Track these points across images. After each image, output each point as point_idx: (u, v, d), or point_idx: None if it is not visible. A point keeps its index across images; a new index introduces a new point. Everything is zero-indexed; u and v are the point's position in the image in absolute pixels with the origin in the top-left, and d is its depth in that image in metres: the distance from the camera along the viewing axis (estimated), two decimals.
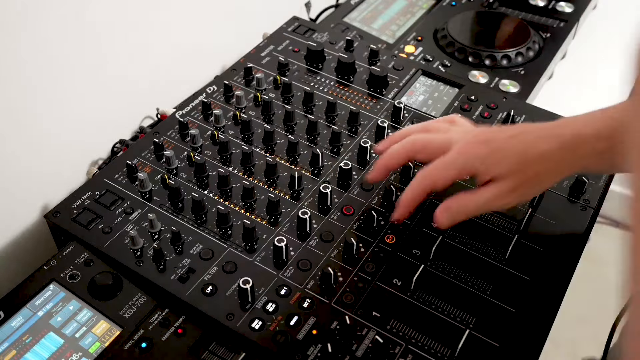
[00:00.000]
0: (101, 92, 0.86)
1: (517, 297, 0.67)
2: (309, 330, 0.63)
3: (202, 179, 0.78)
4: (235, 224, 0.73)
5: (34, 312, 0.64)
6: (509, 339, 0.63)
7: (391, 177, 0.79)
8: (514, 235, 0.71)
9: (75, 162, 0.87)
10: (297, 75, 0.94)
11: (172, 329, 0.63)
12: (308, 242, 0.71)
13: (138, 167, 0.79)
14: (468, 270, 0.69)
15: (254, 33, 1.07)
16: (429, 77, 0.96)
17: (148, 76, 0.94)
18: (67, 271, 0.67)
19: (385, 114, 0.88)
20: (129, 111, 0.94)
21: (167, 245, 0.70)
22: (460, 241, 0.72)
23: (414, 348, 0.62)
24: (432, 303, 0.66)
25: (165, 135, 0.84)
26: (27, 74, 0.74)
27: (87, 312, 0.64)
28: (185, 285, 0.66)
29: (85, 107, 0.84)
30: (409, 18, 1.17)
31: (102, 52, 0.84)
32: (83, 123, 0.85)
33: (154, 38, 0.92)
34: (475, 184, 0.66)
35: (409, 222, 0.73)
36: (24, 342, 0.62)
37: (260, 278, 0.67)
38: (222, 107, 0.88)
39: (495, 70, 1.04)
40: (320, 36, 1.02)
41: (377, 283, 0.67)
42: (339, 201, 0.76)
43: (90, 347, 0.62)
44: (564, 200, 0.77)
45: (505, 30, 1.12)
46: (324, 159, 0.80)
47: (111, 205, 0.74)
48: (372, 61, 0.97)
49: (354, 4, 1.19)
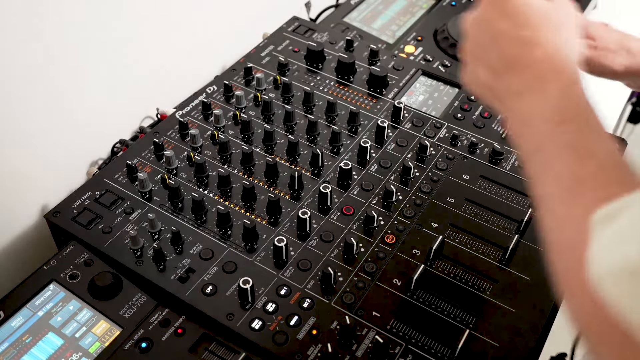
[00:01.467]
0: (101, 92, 0.86)
1: (517, 297, 0.67)
2: (309, 330, 0.63)
3: (202, 179, 0.78)
4: (235, 224, 0.73)
5: (34, 312, 0.64)
6: (509, 339, 0.63)
7: (391, 177, 0.79)
8: (514, 235, 0.71)
9: (75, 162, 0.87)
10: (297, 75, 0.94)
11: (172, 329, 0.63)
12: (308, 242, 0.71)
13: (138, 167, 0.79)
14: (468, 270, 0.69)
15: (254, 33, 1.07)
16: (429, 77, 0.96)
17: (148, 76, 0.94)
18: (67, 271, 0.67)
19: (385, 114, 0.88)
20: (129, 111, 0.93)
21: (167, 245, 0.70)
22: (460, 241, 0.72)
23: (414, 348, 0.62)
24: (432, 303, 0.66)
25: (165, 135, 0.83)
26: (26, 74, 0.74)
27: (87, 312, 0.64)
28: (185, 285, 0.66)
29: (85, 107, 0.84)
30: (409, 18, 1.17)
31: (102, 53, 0.84)
32: (83, 123, 0.85)
33: (154, 38, 0.92)
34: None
35: (409, 222, 0.73)
36: (24, 342, 0.62)
37: (260, 278, 0.67)
38: (222, 107, 0.88)
39: None
40: (320, 36, 1.02)
41: (377, 283, 0.67)
42: (339, 201, 0.76)
43: (90, 347, 0.62)
44: None
45: None
46: (324, 159, 0.80)
47: (111, 205, 0.74)
48: (372, 61, 0.97)
49: (354, 4, 1.19)
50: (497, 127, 0.87)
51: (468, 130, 0.86)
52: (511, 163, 0.81)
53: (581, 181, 0.42)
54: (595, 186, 0.41)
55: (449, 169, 0.80)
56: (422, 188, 0.78)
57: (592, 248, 0.37)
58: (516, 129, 0.49)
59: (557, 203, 0.43)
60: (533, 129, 0.47)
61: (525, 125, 0.48)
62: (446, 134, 0.85)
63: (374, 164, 0.81)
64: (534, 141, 0.46)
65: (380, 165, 0.80)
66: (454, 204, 0.76)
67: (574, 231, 0.41)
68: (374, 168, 0.80)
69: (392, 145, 0.83)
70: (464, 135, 0.85)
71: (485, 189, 0.78)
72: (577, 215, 0.41)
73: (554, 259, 0.43)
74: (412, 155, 0.82)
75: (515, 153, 0.82)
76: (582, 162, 0.42)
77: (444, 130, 0.86)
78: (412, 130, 0.86)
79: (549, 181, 0.44)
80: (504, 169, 0.81)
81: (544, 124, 0.46)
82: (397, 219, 0.74)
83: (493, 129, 0.86)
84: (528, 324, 0.64)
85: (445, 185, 0.78)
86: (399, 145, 0.83)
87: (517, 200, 0.77)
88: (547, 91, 0.46)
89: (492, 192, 0.78)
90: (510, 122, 0.50)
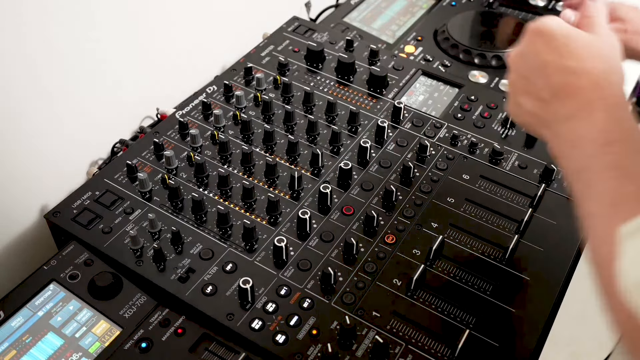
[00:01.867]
0: (101, 92, 0.86)
1: (517, 297, 0.67)
2: (309, 330, 0.63)
3: (202, 179, 0.78)
4: (235, 224, 0.73)
5: (34, 312, 0.64)
6: (509, 339, 0.63)
7: (391, 177, 0.79)
8: (514, 235, 0.71)
9: (75, 162, 0.87)
10: (297, 75, 0.94)
11: (172, 329, 0.63)
12: (308, 242, 0.71)
13: (138, 167, 0.79)
14: (468, 270, 0.69)
15: (254, 33, 1.07)
16: (429, 77, 0.96)
17: (148, 76, 0.94)
18: (67, 271, 0.67)
19: (385, 113, 0.88)
20: (129, 111, 0.94)
21: (167, 245, 0.70)
22: (460, 241, 0.72)
23: (414, 348, 0.62)
24: (432, 303, 0.66)
25: (165, 135, 0.83)
26: (27, 74, 0.74)
27: (87, 312, 0.64)
28: (185, 285, 0.66)
29: (85, 107, 0.84)
30: (409, 18, 1.17)
31: (103, 53, 0.84)
32: (83, 123, 0.85)
33: (154, 38, 0.92)
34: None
35: (409, 222, 0.73)
36: (24, 342, 0.62)
37: (260, 278, 0.67)
38: (222, 107, 0.88)
39: (495, 70, 1.03)
40: (320, 36, 1.02)
41: (377, 283, 0.67)
42: (339, 201, 0.76)
43: (90, 347, 0.62)
44: (564, 200, 0.77)
45: (505, 30, 1.12)
46: (324, 159, 0.80)
47: (111, 205, 0.74)
48: (372, 61, 0.97)
49: (354, 4, 1.19)
50: (497, 127, 0.87)
51: (468, 130, 0.86)
52: (511, 163, 0.81)
53: (622, 200, 0.44)
54: (635, 205, 0.43)
55: (449, 169, 0.80)
56: (422, 188, 0.78)
57: (621, 260, 0.38)
58: (563, 151, 0.52)
59: (598, 221, 0.46)
60: (579, 150, 0.49)
61: (572, 147, 0.50)
62: (446, 134, 0.85)
63: (374, 164, 0.81)
64: (579, 162, 0.49)
65: (380, 165, 0.80)
66: (454, 204, 0.76)
67: (611, 246, 0.42)
68: (374, 168, 0.80)
69: (392, 145, 0.83)
70: (464, 135, 0.85)
71: (485, 189, 0.78)
72: (615, 232, 0.42)
73: (595, 274, 0.45)
74: (412, 155, 0.82)
75: (515, 153, 0.82)
76: (624, 182, 0.45)
77: (444, 130, 0.86)
78: (412, 130, 0.86)
79: (592, 200, 0.47)
80: (504, 169, 0.81)
81: (589, 146, 0.48)
82: (397, 219, 0.74)
83: (493, 129, 0.86)
84: (528, 324, 0.64)
85: (445, 185, 0.78)
86: (399, 145, 0.83)
87: (517, 200, 0.77)
88: (593, 115, 0.49)
89: (492, 192, 0.78)
90: (557, 146, 0.53)
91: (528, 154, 0.83)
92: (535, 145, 0.84)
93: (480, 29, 1.13)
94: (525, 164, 0.81)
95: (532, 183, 0.79)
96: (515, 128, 0.86)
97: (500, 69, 1.03)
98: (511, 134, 0.86)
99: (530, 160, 0.82)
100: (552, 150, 0.54)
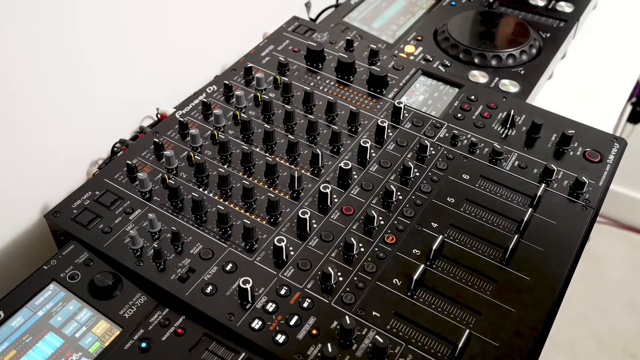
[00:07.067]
0: (101, 92, 0.86)
1: (517, 297, 0.67)
2: (309, 330, 0.63)
3: (202, 179, 0.78)
4: (235, 224, 0.73)
5: (34, 312, 0.64)
6: (509, 339, 0.63)
7: (391, 177, 0.79)
8: (514, 235, 0.71)
9: (75, 162, 0.87)
10: (297, 75, 0.94)
11: (172, 329, 0.63)
12: (308, 242, 0.71)
13: (138, 167, 0.79)
14: (468, 270, 0.69)
15: (254, 33, 1.07)
16: (429, 77, 0.96)
17: (148, 76, 0.94)
18: (67, 271, 0.67)
19: (385, 113, 0.88)
20: (129, 111, 0.94)
21: (167, 245, 0.70)
22: (460, 241, 0.72)
23: (414, 348, 0.62)
24: (432, 303, 0.66)
25: (165, 135, 0.84)
26: (26, 73, 0.74)
27: (87, 312, 0.64)
28: (185, 285, 0.66)
29: (85, 107, 0.84)
30: (409, 18, 1.17)
31: (103, 52, 0.84)
32: (83, 123, 0.85)
33: (154, 38, 0.92)
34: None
35: (409, 222, 0.73)
36: (24, 342, 0.62)
37: (260, 278, 0.67)
38: (222, 107, 0.88)
39: (495, 70, 1.04)
40: (320, 36, 1.02)
41: (377, 283, 0.67)
42: (339, 201, 0.76)
43: (90, 347, 0.62)
44: (564, 200, 0.77)
45: (505, 30, 1.12)
46: (324, 158, 0.80)
47: (111, 205, 0.74)
48: (372, 61, 0.97)
49: (354, 4, 1.19)
50: (497, 127, 0.87)
51: (468, 130, 0.86)
52: (511, 163, 0.81)
53: None
54: None
55: (449, 169, 0.80)
56: (422, 188, 0.78)
57: None
58: None
59: None
60: None
61: None
62: (446, 133, 0.85)
63: (374, 164, 0.81)
64: None
65: (380, 165, 0.80)
66: (454, 204, 0.76)
67: None
68: (374, 168, 0.80)
69: (392, 145, 0.83)
70: (464, 135, 0.85)
71: (485, 189, 0.78)
72: None
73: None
74: (412, 155, 0.82)
75: (515, 153, 0.82)
76: None
77: (444, 130, 0.86)
78: (412, 130, 0.86)
79: None
80: (504, 169, 0.81)
81: None
82: (397, 219, 0.74)
83: (493, 129, 0.86)
84: (528, 324, 0.64)
85: (445, 185, 0.78)
86: (399, 145, 0.83)
87: (517, 200, 0.77)
88: None
89: (492, 192, 0.78)
90: None
91: (528, 154, 0.83)
92: (535, 145, 0.84)
93: (480, 29, 1.13)
94: (525, 164, 0.81)
95: (532, 183, 0.79)
96: (515, 128, 0.86)
97: (501, 69, 1.04)
98: (511, 134, 0.86)
99: (530, 160, 0.82)
100: None
